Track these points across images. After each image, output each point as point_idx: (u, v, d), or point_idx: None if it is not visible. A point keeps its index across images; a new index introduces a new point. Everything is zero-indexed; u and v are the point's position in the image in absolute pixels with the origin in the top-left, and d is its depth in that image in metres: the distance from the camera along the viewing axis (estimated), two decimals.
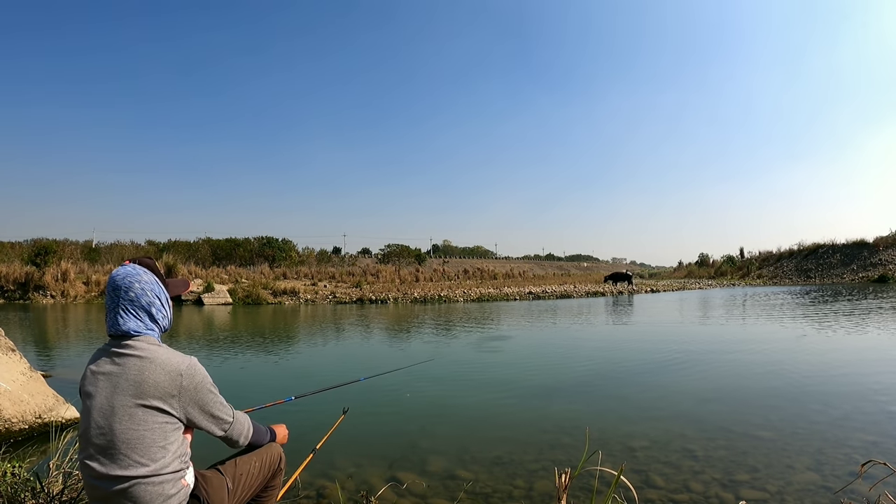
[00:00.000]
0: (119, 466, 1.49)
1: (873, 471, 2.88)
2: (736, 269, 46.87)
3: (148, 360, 1.54)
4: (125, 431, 1.49)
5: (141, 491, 1.49)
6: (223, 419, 1.70)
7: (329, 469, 3.37)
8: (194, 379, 1.58)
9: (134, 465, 1.49)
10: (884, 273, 34.02)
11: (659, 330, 11.49)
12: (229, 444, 1.81)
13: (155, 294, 1.65)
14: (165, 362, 1.55)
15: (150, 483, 1.50)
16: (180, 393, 1.55)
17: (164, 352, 1.59)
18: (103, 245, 35.36)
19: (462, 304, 21.04)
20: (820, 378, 5.98)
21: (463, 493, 2.99)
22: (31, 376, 4.66)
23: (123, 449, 1.49)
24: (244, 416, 1.82)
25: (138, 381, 1.51)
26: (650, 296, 25.60)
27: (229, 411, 1.73)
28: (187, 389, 1.56)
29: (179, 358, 1.59)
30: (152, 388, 1.52)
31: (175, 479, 1.56)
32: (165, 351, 1.59)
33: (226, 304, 21.40)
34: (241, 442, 1.81)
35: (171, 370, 1.55)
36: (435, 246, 65.67)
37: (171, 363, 1.56)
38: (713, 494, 2.96)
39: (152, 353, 1.56)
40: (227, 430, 1.72)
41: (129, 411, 1.50)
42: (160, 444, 1.52)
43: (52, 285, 23.45)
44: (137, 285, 1.62)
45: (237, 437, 1.78)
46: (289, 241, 39.18)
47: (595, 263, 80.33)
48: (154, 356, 1.55)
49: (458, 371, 6.86)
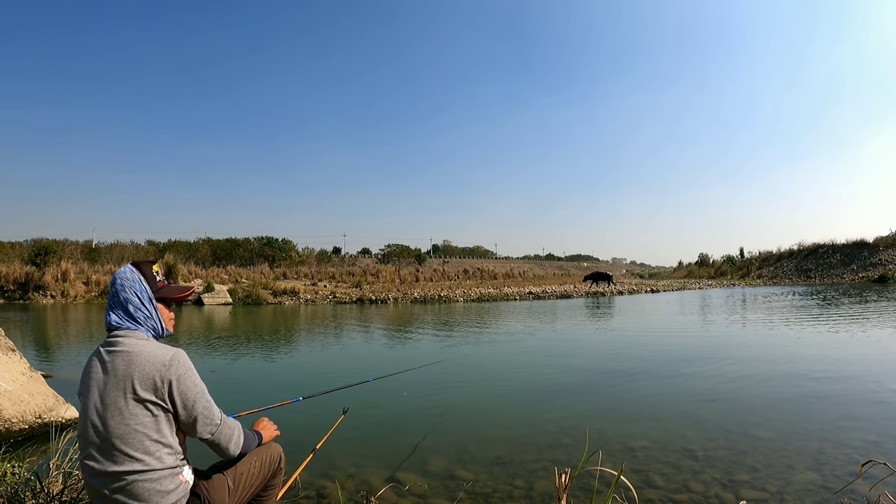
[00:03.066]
0: (114, 463, 1.50)
1: (873, 471, 2.88)
2: (736, 269, 46.87)
3: (134, 353, 1.57)
4: (117, 427, 1.51)
5: (138, 487, 1.49)
6: (209, 418, 1.64)
7: (329, 469, 3.36)
8: (178, 369, 1.58)
9: (128, 460, 1.50)
10: (884, 273, 34.00)
11: (659, 330, 11.49)
12: (218, 452, 1.74)
13: (134, 291, 1.67)
14: (150, 354, 1.58)
15: (146, 479, 1.50)
16: (164, 383, 1.55)
17: (150, 345, 1.61)
18: (103, 245, 35.38)
19: (462, 304, 21.03)
20: (820, 378, 5.97)
21: (463, 493, 2.99)
22: (31, 376, 4.66)
23: (117, 444, 1.50)
24: (235, 423, 1.77)
25: (126, 375, 1.54)
26: (649, 296, 25.61)
27: (217, 412, 1.68)
28: (170, 379, 1.56)
29: (164, 349, 1.61)
30: (139, 380, 1.53)
31: (172, 474, 1.56)
32: (152, 344, 1.62)
33: (226, 304, 21.41)
34: (231, 449, 1.73)
35: (155, 361, 1.56)
36: (435, 246, 65.68)
37: (156, 354, 1.58)
38: (713, 494, 2.96)
39: (139, 348, 1.58)
40: (215, 433, 1.66)
41: (119, 407, 1.52)
42: (152, 438, 1.53)
43: (52, 285, 23.46)
44: (118, 282, 1.68)
45: (226, 443, 1.71)
46: (289, 241, 39.25)
47: (595, 263, 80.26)
48: (140, 350, 1.58)
49: (458, 371, 6.86)
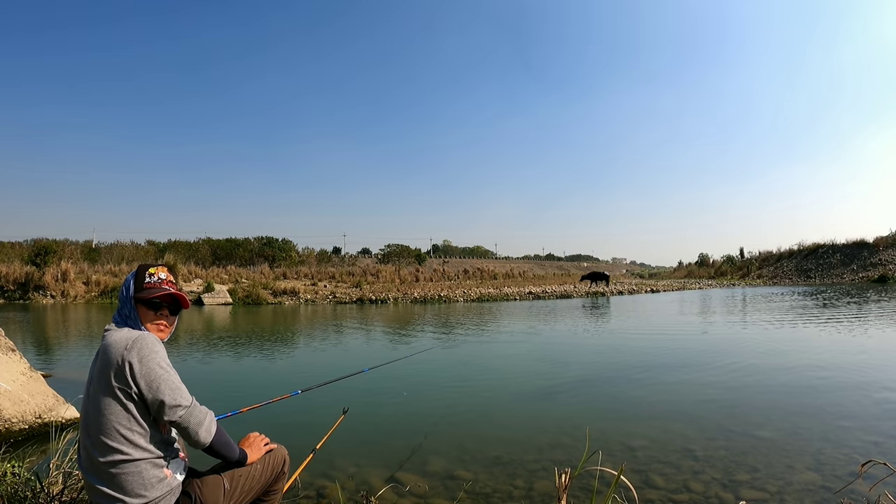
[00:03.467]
0: (99, 455, 1.51)
1: (873, 471, 2.87)
2: (736, 269, 46.89)
3: (107, 343, 1.58)
4: (98, 418, 1.52)
5: (120, 479, 1.50)
6: (177, 400, 1.56)
7: (329, 469, 3.36)
8: (140, 351, 1.54)
9: (109, 451, 1.51)
10: (884, 273, 34.01)
11: (659, 330, 11.48)
12: (189, 439, 1.64)
13: (122, 291, 1.74)
14: (117, 340, 1.57)
15: (126, 471, 1.51)
16: (125, 365, 1.52)
17: (119, 332, 1.61)
18: (103, 245, 35.39)
19: (462, 304, 21.02)
20: (820, 378, 5.97)
21: (463, 493, 2.99)
22: (31, 376, 4.66)
23: (99, 436, 1.52)
24: (208, 411, 1.67)
25: (102, 365, 1.56)
26: (649, 296, 25.60)
27: (186, 395, 1.60)
28: (130, 361, 1.52)
29: (128, 333, 1.60)
30: (109, 368, 1.53)
31: (152, 466, 1.55)
32: (121, 332, 1.61)
33: (226, 304, 21.41)
34: (202, 436, 1.62)
35: (120, 346, 1.55)
36: (435, 246, 65.69)
37: (120, 340, 1.57)
38: (713, 494, 2.96)
39: (111, 337, 1.59)
40: (183, 416, 1.57)
41: (100, 398, 1.53)
42: (126, 426, 1.52)
43: (52, 285, 23.46)
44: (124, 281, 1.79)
45: (196, 426, 1.60)
46: (289, 241, 39.29)
47: (595, 263, 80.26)
48: (111, 338, 1.59)
49: (458, 371, 6.86)
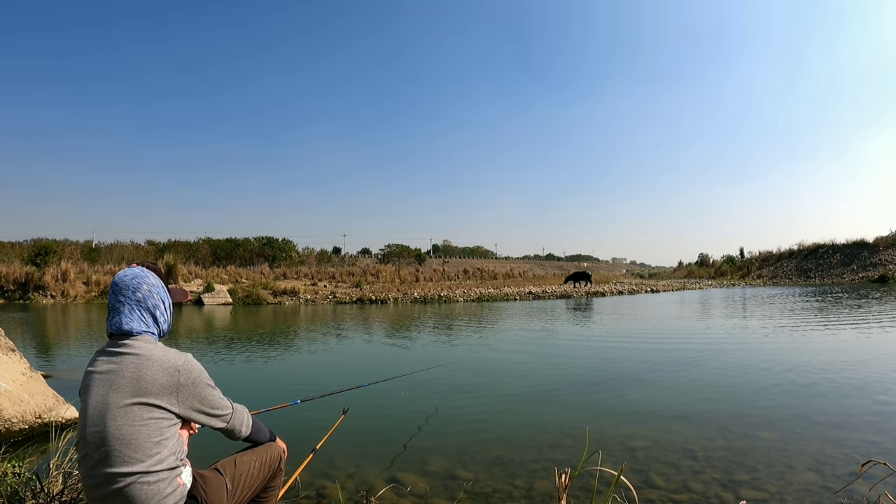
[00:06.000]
0: (114, 464, 1.49)
1: (873, 471, 2.88)
2: (736, 269, 46.86)
3: (145, 357, 1.56)
4: (119, 428, 1.50)
5: (136, 489, 1.49)
6: (223, 411, 1.74)
7: (329, 469, 3.36)
8: (191, 374, 1.61)
9: (129, 462, 1.49)
10: (884, 273, 34.00)
11: (659, 330, 11.48)
12: (230, 436, 1.85)
13: (160, 297, 1.70)
14: (162, 359, 1.57)
15: (145, 481, 1.50)
16: (178, 389, 1.57)
17: (160, 349, 1.61)
18: (103, 245, 35.36)
19: (462, 304, 21.03)
20: (820, 378, 5.97)
21: (463, 493, 2.99)
22: (31, 376, 4.66)
23: (118, 446, 1.49)
24: (243, 407, 1.87)
25: (136, 378, 1.53)
26: (649, 296, 25.60)
27: (227, 403, 1.77)
28: (185, 385, 1.59)
29: (175, 355, 1.62)
30: (150, 385, 1.53)
31: (171, 476, 1.56)
32: (161, 348, 1.62)
33: (226, 304, 21.40)
34: (244, 432, 1.85)
35: (167, 367, 1.57)
36: (435, 246, 65.70)
37: (167, 360, 1.58)
38: (713, 494, 2.96)
39: (149, 351, 1.58)
40: (229, 422, 1.76)
41: (124, 409, 1.51)
42: (155, 440, 1.52)
43: (52, 285, 23.45)
44: (145, 287, 1.67)
45: (239, 427, 1.82)
46: (289, 241, 39.22)
47: (595, 263, 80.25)
48: (151, 353, 1.58)
49: (458, 371, 6.85)
